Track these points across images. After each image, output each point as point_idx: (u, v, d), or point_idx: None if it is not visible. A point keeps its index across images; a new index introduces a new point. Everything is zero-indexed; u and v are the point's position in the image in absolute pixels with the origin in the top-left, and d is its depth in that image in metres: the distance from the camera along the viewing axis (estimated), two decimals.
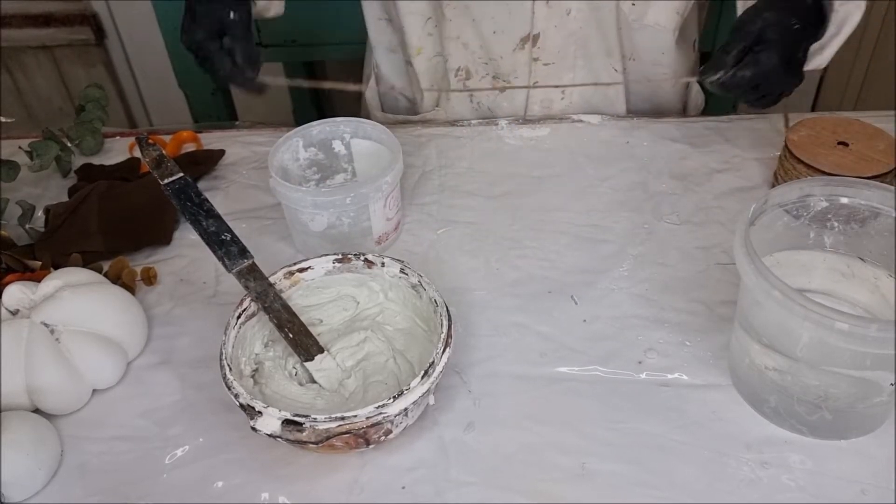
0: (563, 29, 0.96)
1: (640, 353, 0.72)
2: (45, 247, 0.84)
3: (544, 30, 0.96)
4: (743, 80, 0.78)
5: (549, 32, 0.96)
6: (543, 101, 1.03)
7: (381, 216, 0.81)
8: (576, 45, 0.98)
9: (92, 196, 0.89)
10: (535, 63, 0.99)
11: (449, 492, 0.62)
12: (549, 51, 0.97)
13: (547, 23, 0.95)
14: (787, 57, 0.78)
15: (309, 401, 0.68)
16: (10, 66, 2.04)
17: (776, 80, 0.79)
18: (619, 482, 0.62)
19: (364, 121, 0.86)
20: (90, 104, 1.00)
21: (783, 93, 0.81)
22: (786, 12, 0.78)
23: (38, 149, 0.94)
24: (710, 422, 0.66)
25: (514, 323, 0.75)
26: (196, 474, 0.64)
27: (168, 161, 0.72)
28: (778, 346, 0.61)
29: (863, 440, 0.64)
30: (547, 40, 0.97)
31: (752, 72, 0.77)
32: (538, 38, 0.97)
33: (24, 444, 0.62)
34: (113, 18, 1.96)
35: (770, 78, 0.78)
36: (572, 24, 0.96)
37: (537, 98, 1.03)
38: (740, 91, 0.79)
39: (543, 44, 0.97)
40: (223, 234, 0.69)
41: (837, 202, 0.66)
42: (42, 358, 0.67)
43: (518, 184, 0.93)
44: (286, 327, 0.68)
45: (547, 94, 1.02)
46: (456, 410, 0.68)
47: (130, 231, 0.86)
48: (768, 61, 0.77)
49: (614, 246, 0.83)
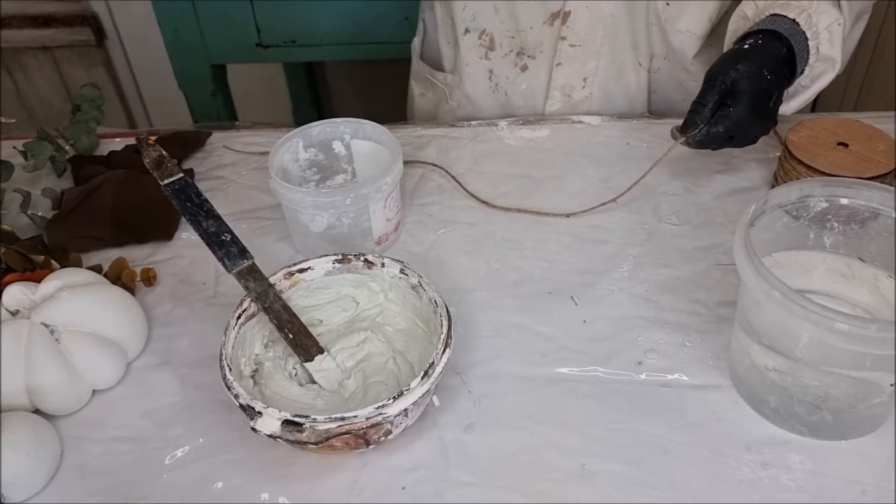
0: (595, 11, 0.96)
1: (641, 354, 0.72)
2: (56, 227, 0.86)
3: (575, 8, 0.96)
4: (717, 136, 0.80)
5: (580, 12, 0.96)
6: (565, 88, 1.02)
7: (381, 217, 0.81)
8: (604, 31, 0.97)
9: (108, 184, 0.90)
10: (561, 42, 0.98)
11: (449, 492, 0.62)
12: (577, 32, 0.97)
13: (579, 1, 0.95)
14: (759, 107, 0.79)
15: (309, 401, 0.68)
16: (11, 66, 2.04)
17: (749, 129, 0.81)
18: (619, 483, 0.62)
19: (364, 121, 0.86)
20: (86, 104, 1.00)
21: (757, 137, 0.83)
22: (758, 63, 0.79)
23: (32, 149, 0.93)
24: (710, 422, 0.66)
25: (514, 323, 0.75)
26: (196, 475, 0.64)
27: (168, 161, 0.72)
28: (778, 346, 0.61)
29: (863, 441, 0.64)
30: (577, 21, 0.96)
31: (725, 126, 0.79)
32: (568, 15, 0.96)
33: (24, 445, 0.62)
34: (113, 19, 1.96)
35: (743, 128, 0.80)
36: (604, 8, 0.95)
37: (559, 83, 1.02)
38: (716, 144, 0.81)
39: (573, 24, 0.96)
40: (223, 234, 0.69)
41: (837, 203, 0.66)
42: (42, 358, 0.67)
43: (518, 185, 0.93)
44: (286, 328, 0.68)
45: (569, 79, 1.02)
46: (456, 411, 0.68)
47: (139, 223, 0.87)
48: (739, 115, 0.78)
49: (614, 247, 0.83)
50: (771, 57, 0.80)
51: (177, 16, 1.48)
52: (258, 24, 1.50)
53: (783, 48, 0.81)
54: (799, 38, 0.81)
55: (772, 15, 0.83)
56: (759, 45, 0.81)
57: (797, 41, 0.81)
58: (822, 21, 0.81)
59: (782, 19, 0.82)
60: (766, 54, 0.80)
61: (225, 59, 1.58)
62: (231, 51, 1.54)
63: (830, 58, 0.83)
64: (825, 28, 0.81)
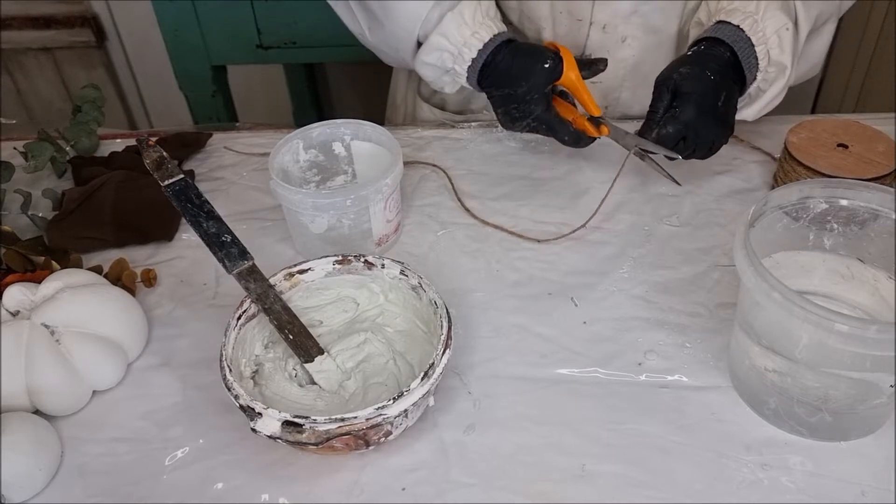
0: (616, 53, 0.95)
1: (640, 355, 0.72)
2: (56, 228, 0.85)
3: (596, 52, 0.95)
4: (668, 137, 0.80)
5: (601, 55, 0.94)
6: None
7: (382, 218, 0.81)
8: (625, 70, 0.97)
9: (109, 185, 0.90)
10: None
11: (449, 493, 0.62)
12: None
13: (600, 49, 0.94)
14: (706, 107, 0.79)
15: (309, 402, 0.68)
16: (11, 67, 2.05)
17: (702, 131, 0.80)
18: (619, 483, 0.62)
19: (364, 123, 0.87)
20: (86, 105, 1.00)
21: (715, 143, 0.83)
22: (700, 65, 0.80)
23: (32, 150, 0.94)
24: (710, 423, 0.66)
25: (514, 324, 0.75)
26: (196, 475, 0.64)
27: (169, 162, 0.72)
28: (778, 347, 0.61)
29: (863, 442, 0.64)
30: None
31: (675, 127, 0.79)
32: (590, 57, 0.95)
33: (24, 446, 0.62)
34: (113, 20, 1.96)
35: (694, 129, 0.80)
36: (625, 50, 0.95)
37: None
38: (671, 147, 0.81)
39: None
40: (223, 235, 0.69)
41: (837, 204, 0.66)
42: (42, 359, 0.67)
43: (518, 185, 0.93)
44: (286, 329, 0.68)
45: None
46: (456, 412, 0.68)
47: (140, 224, 0.87)
48: (686, 114, 0.79)
49: (614, 248, 0.84)
50: (713, 59, 0.81)
51: (177, 17, 1.48)
52: (259, 26, 1.50)
53: (727, 52, 0.82)
54: (743, 45, 0.82)
55: (718, 22, 0.83)
56: (700, 51, 0.82)
57: (741, 47, 0.82)
58: (770, 26, 0.81)
59: (726, 26, 0.82)
60: (708, 57, 0.81)
61: (225, 61, 1.58)
62: (231, 52, 1.54)
63: (781, 63, 0.83)
64: (773, 33, 0.82)
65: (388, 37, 0.90)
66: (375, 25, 0.90)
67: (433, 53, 0.86)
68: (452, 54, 0.85)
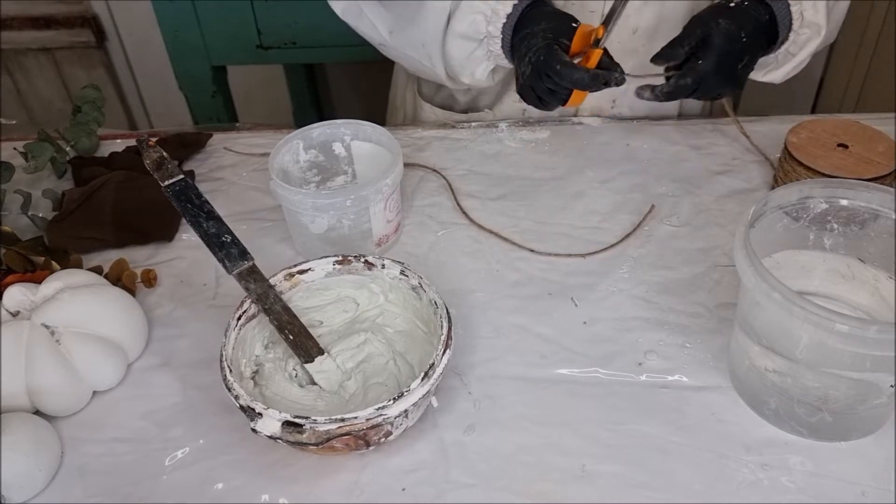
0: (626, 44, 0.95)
1: (641, 355, 0.72)
2: (57, 229, 0.86)
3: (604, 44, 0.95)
4: (684, 88, 0.80)
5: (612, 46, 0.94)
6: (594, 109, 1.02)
7: (382, 218, 0.81)
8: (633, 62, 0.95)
9: (109, 185, 0.90)
10: None
11: (449, 493, 0.62)
12: None
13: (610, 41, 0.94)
14: (727, 66, 0.80)
15: (309, 402, 0.68)
16: (11, 68, 2.05)
17: (714, 86, 0.81)
18: (619, 483, 0.62)
19: (364, 123, 0.86)
20: (86, 105, 1.00)
21: (720, 96, 0.84)
22: (738, 23, 0.80)
23: (32, 150, 0.94)
24: (710, 423, 0.66)
25: (514, 325, 0.75)
26: (196, 476, 0.64)
27: (169, 163, 0.72)
28: (778, 347, 0.61)
29: (863, 442, 0.64)
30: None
31: (693, 78, 0.80)
32: None
33: (24, 446, 0.62)
34: (113, 20, 1.96)
35: (707, 83, 0.80)
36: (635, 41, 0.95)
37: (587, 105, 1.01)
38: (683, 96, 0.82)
39: None
40: (223, 235, 0.69)
41: (837, 204, 0.66)
42: (42, 359, 0.67)
43: (518, 186, 0.93)
44: (286, 329, 0.68)
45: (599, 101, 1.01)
46: (456, 412, 0.68)
47: (140, 225, 0.87)
48: (706, 68, 0.79)
49: (614, 248, 0.83)
50: (752, 20, 0.81)
51: (177, 17, 1.48)
52: (259, 26, 1.50)
53: (766, 15, 0.82)
54: (781, 4, 0.82)
55: None
56: (742, 7, 0.82)
57: (779, 8, 0.82)
58: None
59: None
60: (748, 17, 0.81)
61: (225, 61, 1.58)
62: (231, 52, 1.54)
63: (815, 23, 0.83)
64: None
65: (414, 31, 0.88)
66: (400, 24, 0.89)
67: (466, 20, 0.85)
68: (486, 15, 0.84)
